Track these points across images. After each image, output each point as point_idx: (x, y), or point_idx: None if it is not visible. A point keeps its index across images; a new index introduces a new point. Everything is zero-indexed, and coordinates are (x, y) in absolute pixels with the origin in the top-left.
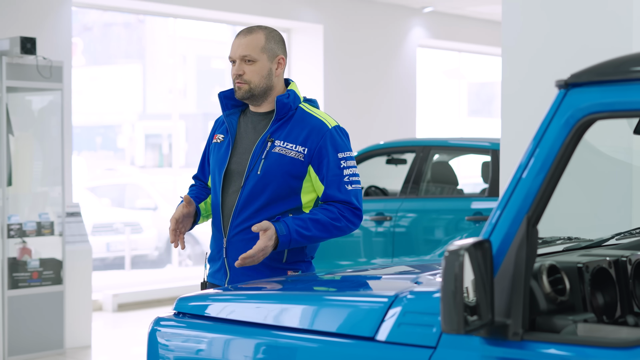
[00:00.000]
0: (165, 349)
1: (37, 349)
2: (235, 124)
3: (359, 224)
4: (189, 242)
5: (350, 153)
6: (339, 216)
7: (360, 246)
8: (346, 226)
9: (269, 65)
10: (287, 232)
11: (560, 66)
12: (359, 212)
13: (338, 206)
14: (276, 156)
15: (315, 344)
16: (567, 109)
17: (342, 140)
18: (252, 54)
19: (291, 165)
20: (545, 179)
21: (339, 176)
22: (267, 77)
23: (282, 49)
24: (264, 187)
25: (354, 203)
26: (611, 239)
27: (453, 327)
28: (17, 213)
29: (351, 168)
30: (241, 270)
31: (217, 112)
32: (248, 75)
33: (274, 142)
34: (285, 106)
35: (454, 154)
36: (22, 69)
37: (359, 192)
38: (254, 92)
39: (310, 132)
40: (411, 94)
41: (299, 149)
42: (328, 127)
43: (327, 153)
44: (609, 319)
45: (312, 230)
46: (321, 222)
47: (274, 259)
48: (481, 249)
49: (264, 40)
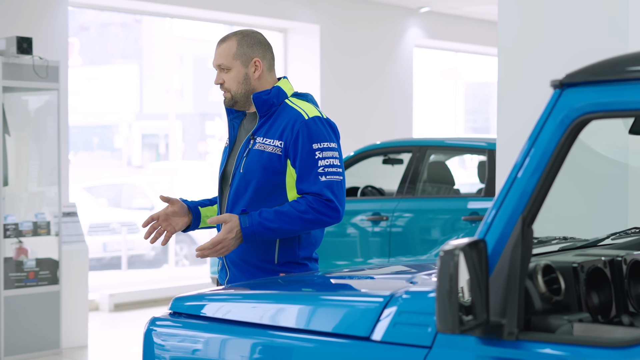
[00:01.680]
0: (161, 349)
1: (33, 349)
2: (237, 128)
3: (337, 216)
4: (186, 242)
5: (329, 144)
6: (307, 208)
7: (357, 246)
8: (317, 218)
9: (244, 70)
10: (249, 224)
11: (557, 66)
12: (331, 204)
13: (308, 198)
14: (256, 152)
15: (311, 344)
16: (562, 109)
17: (319, 129)
18: (224, 62)
19: (269, 160)
20: (541, 178)
21: (311, 167)
22: (244, 82)
23: (258, 51)
24: (246, 184)
25: (325, 194)
26: (606, 238)
27: (448, 327)
28: (13, 213)
29: (328, 159)
30: (237, 271)
31: (214, 112)
32: (227, 84)
33: (256, 139)
34: (266, 102)
35: (451, 154)
36: (18, 68)
37: (334, 183)
38: (236, 99)
39: (287, 125)
40: (408, 94)
41: (276, 143)
42: (304, 118)
43: (300, 144)
44: (604, 318)
45: (276, 222)
46: (287, 214)
47: (265, 260)
48: (476, 249)
49: (235, 47)
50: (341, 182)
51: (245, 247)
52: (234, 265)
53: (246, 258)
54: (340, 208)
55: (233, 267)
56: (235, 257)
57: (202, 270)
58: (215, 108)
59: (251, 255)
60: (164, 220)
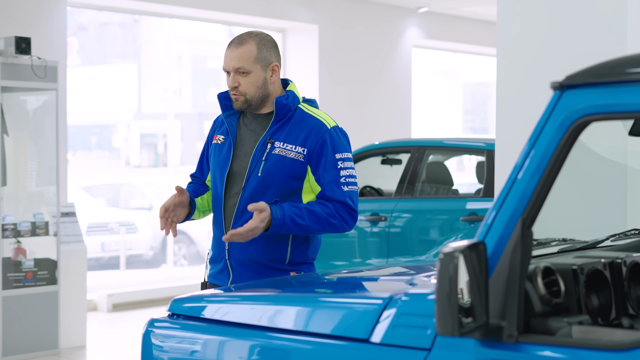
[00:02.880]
0: (160, 350)
1: (31, 349)
2: (236, 125)
3: (353, 226)
4: (184, 242)
5: (347, 154)
6: (334, 213)
7: (355, 246)
8: (340, 224)
9: (264, 75)
10: (281, 216)
11: (556, 68)
12: (354, 214)
13: (335, 204)
14: (276, 157)
15: (309, 346)
16: (562, 111)
17: (340, 140)
18: (245, 66)
19: (291, 166)
20: (541, 180)
21: (336, 176)
22: (262, 86)
23: (275, 55)
24: (265, 188)
25: (350, 204)
26: (606, 240)
27: (448, 329)
28: (11, 213)
29: (348, 169)
30: (244, 271)
31: (212, 112)
32: (243, 87)
33: (274, 144)
34: (285, 107)
35: (449, 155)
36: (16, 68)
37: (354, 194)
38: (251, 103)
39: (310, 133)
40: (406, 94)
41: (298, 149)
42: (327, 127)
43: (325, 153)
44: (604, 321)
45: (306, 219)
46: (316, 214)
47: (276, 260)
48: (476, 251)
49: (256, 51)
50: (357, 193)
51: (256, 247)
52: (240, 265)
53: (257, 259)
54: (357, 218)
55: (239, 268)
56: (243, 258)
57: (200, 270)
58: (214, 108)
59: (262, 256)
60: (172, 210)
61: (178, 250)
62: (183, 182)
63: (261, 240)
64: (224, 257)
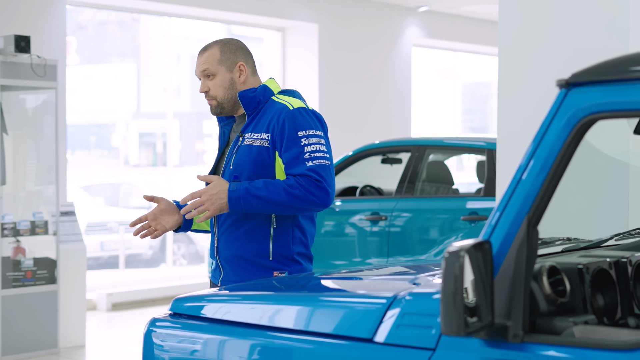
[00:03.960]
0: (161, 349)
1: (31, 349)
2: (228, 133)
3: (326, 198)
4: (184, 241)
5: (315, 131)
6: (295, 184)
7: (355, 246)
8: (305, 195)
9: (230, 75)
10: (236, 189)
11: (557, 66)
12: (320, 184)
13: (297, 177)
14: (244, 148)
15: (312, 345)
16: (568, 109)
17: (304, 118)
18: (210, 68)
19: (257, 153)
20: (546, 179)
21: (298, 153)
22: (230, 87)
23: (241, 56)
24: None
25: (313, 175)
26: (610, 239)
27: (453, 329)
28: (11, 212)
29: (314, 145)
30: (231, 269)
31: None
32: (213, 91)
33: (244, 136)
34: (252, 100)
35: (449, 154)
36: (16, 67)
37: (322, 167)
38: (223, 105)
39: (272, 117)
40: (406, 93)
41: (263, 136)
42: (289, 109)
43: (285, 132)
44: (610, 320)
45: (263, 190)
46: (275, 185)
47: (259, 255)
48: (481, 250)
49: (218, 53)
50: (329, 167)
51: (239, 243)
52: (227, 263)
53: (240, 254)
54: (329, 190)
55: (227, 265)
56: (229, 254)
57: (200, 269)
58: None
59: (245, 251)
60: (152, 219)
61: (177, 249)
62: (183, 181)
63: (243, 235)
64: (215, 254)
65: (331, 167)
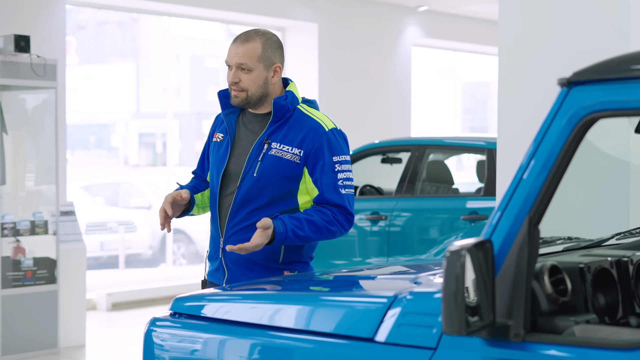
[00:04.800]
0: (161, 349)
1: (31, 349)
2: (235, 124)
3: (349, 229)
4: (183, 241)
5: (345, 157)
6: (333, 220)
7: (355, 245)
8: (338, 231)
9: (265, 74)
10: (284, 231)
11: (558, 66)
12: (351, 218)
13: (333, 210)
14: (272, 158)
15: (312, 345)
16: (569, 108)
17: (338, 143)
18: (248, 63)
19: (287, 167)
20: (548, 178)
21: (333, 179)
22: (263, 85)
23: (279, 56)
24: (260, 189)
25: (347, 207)
26: (611, 238)
27: (454, 328)
28: (10, 212)
29: (345, 172)
30: (238, 270)
31: (211, 111)
32: (244, 84)
33: (271, 144)
34: (283, 108)
35: (449, 153)
36: (15, 67)
37: (351, 197)
38: (250, 100)
39: (307, 134)
40: (406, 92)
41: (295, 151)
42: (325, 130)
43: (322, 155)
44: (611, 319)
45: (306, 231)
46: (316, 224)
47: (270, 259)
48: (482, 249)
49: (261, 49)
50: (354, 196)
51: None
52: (236, 265)
53: (250, 257)
54: (353, 221)
55: (234, 267)
56: (238, 256)
57: (199, 269)
58: (213, 107)
59: (256, 255)
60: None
61: (177, 249)
62: (182, 180)
63: None
64: (219, 255)
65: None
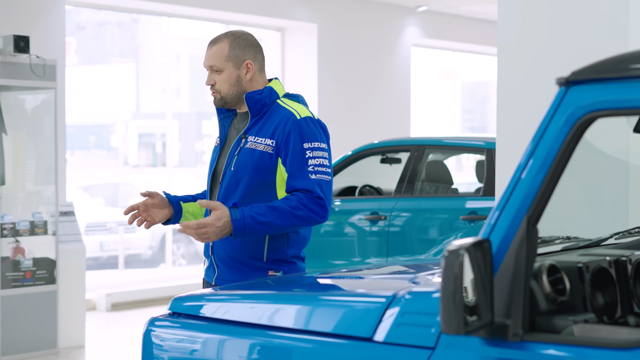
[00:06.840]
0: (160, 349)
1: (30, 349)
2: (228, 127)
3: (325, 215)
4: (183, 241)
5: (319, 144)
6: (299, 204)
7: (355, 245)
8: (309, 215)
9: (236, 73)
10: (241, 217)
11: (557, 66)
12: (322, 202)
13: (299, 195)
14: (247, 151)
15: (311, 345)
16: (567, 107)
17: (310, 130)
18: (217, 64)
19: (260, 158)
20: (546, 177)
21: (302, 165)
22: (236, 84)
23: (250, 53)
24: (237, 182)
25: (316, 191)
26: (610, 238)
27: (453, 328)
28: (10, 212)
29: (318, 158)
30: (225, 268)
31: (210, 112)
32: (218, 85)
33: (247, 138)
34: (258, 102)
35: (449, 153)
36: (15, 67)
37: (323, 182)
38: (227, 100)
39: (279, 124)
40: (405, 93)
41: (267, 141)
42: (296, 118)
43: (292, 142)
44: (610, 319)
45: (267, 216)
46: (278, 209)
47: (254, 257)
48: (481, 249)
49: (227, 49)
50: (329, 182)
51: (234, 244)
52: (222, 263)
53: (235, 255)
54: (328, 207)
55: (221, 265)
56: (223, 255)
57: (199, 269)
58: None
59: (240, 253)
60: (143, 210)
61: (177, 249)
62: (182, 181)
63: None
64: (209, 253)
65: (331, 183)
